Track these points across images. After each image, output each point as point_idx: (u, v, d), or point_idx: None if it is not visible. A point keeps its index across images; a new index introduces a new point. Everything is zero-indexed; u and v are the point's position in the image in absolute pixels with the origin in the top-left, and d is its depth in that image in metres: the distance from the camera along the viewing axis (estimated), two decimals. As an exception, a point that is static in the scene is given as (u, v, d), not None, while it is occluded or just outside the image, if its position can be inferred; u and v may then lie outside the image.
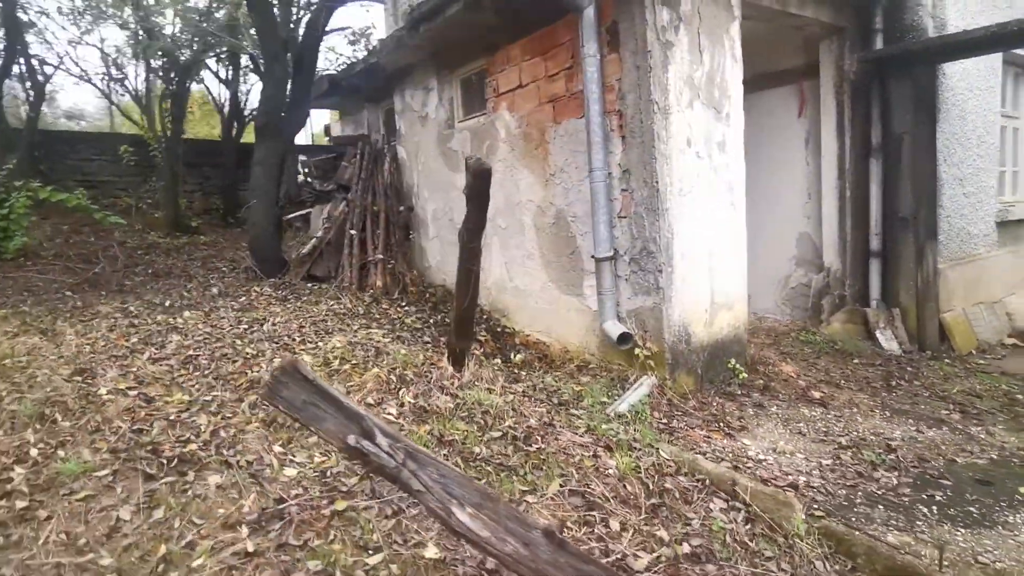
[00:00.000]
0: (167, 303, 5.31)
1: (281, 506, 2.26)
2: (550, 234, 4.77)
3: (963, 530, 2.71)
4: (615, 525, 2.45)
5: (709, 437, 3.65)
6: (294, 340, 4.00)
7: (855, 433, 3.75)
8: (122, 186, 8.95)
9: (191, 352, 3.68)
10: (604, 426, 3.28)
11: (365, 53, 6.43)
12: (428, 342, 4.63)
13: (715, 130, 4.24)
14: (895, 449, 3.51)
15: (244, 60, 9.70)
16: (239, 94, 9.86)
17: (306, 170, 7.13)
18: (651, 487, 2.72)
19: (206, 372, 3.39)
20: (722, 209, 4.33)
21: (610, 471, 2.77)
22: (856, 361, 5.23)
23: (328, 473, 2.52)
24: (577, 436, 3.12)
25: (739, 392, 4.34)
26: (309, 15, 6.38)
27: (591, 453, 2.94)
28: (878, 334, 5.61)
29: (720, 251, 4.34)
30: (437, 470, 1.59)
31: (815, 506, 2.80)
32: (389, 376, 3.42)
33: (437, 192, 6.14)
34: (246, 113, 10.20)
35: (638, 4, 3.81)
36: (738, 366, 4.48)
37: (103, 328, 4.30)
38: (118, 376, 3.32)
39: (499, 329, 5.32)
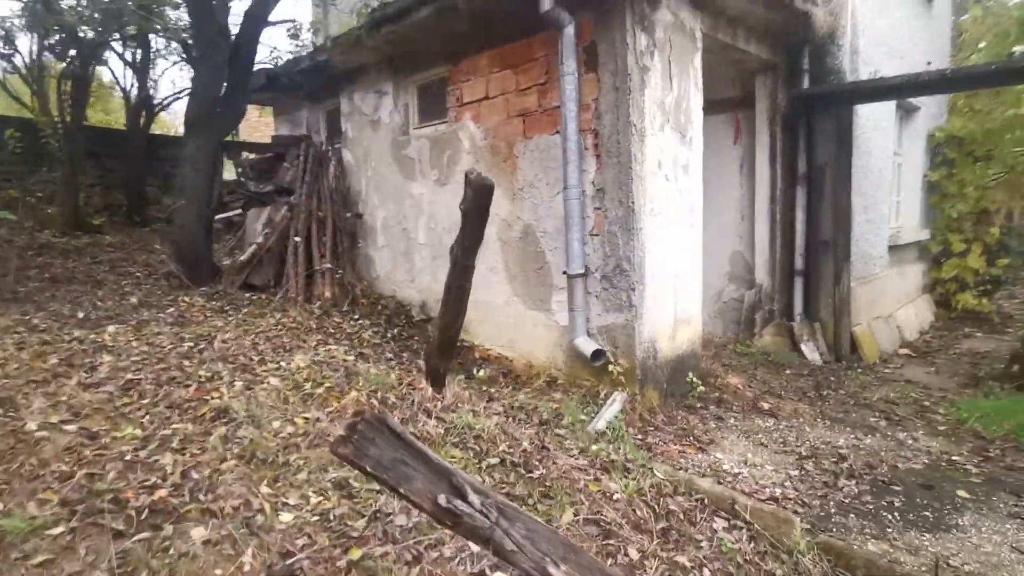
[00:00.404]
0: (80, 315, 4.60)
1: (289, 561, 1.97)
2: (517, 248, 4.65)
3: (927, 535, 2.89)
4: (634, 553, 2.37)
5: (684, 452, 3.69)
6: (251, 359, 3.57)
7: (808, 443, 3.94)
8: (6, 176, 7.73)
9: (130, 376, 3.17)
10: (594, 447, 3.21)
11: (311, 48, 5.96)
12: (391, 359, 4.36)
13: (680, 154, 4.33)
14: (846, 457, 3.72)
15: (157, 43, 8.77)
16: (149, 79, 8.87)
17: (239, 169, 6.51)
18: (657, 510, 2.68)
19: (156, 400, 2.92)
20: (685, 230, 4.43)
21: (616, 495, 2.70)
22: (788, 372, 5.56)
23: (331, 516, 2.24)
24: (573, 459, 3.03)
25: (699, 405, 4.45)
26: (251, 1, 5.83)
27: (592, 477, 2.86)
28: (803, 346, 6.00)
29: (682, 270, 4.43)
30: (524, 525, 1.43)
31: (797, 518, 2.90)
32: (370, 400, 3.14)
33: (389, 199, 5.82)
34: (156, 101, 9.22)
35: (619, 28, 3.80)
36: (695, 379, 4.60)
37: (10, 346, 3.63)
38: (47, 407, 2.79)
39: (457, 343, 5.10)
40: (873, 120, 6.55)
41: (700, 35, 4.47)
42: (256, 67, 6.13)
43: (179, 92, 10.28)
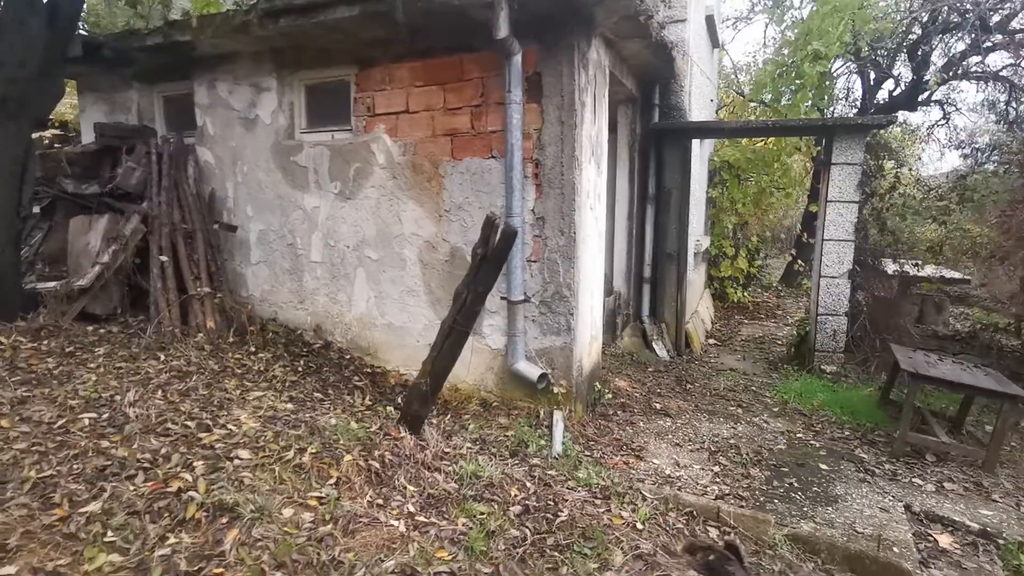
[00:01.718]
0: None
1: None
2: (442, 271, 4.44)
3: (829, 508, 3.59)
4: (676, 578, 2.55)
5: (627, 462, 3.99)
6: (186, 426, 2.82)
7: (706, 438, 4.55)
8: None
9: (34, 474, 2.27)
10: (580, 474, 3.31)
11: (160, 21, 4.72)
12: (322, 399, 3.84)
13: (598, 184, 4.59)
14: (738, 447, 4.41)
15: None
16: None
17: (49, 164, 4.87)
18: (669, 530, 2.89)
19: (106, 506, 2.15)
20: (598, 253, 4.72)
21: (638, 525, 2.84)
22: (651, 369, 6.29)
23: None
24: (575, 493, 3.08)
25: (610, 412, 4.81)
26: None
27: (604, 509, 2.96)
28: (654, 344, 6.85)
29: (596, 289, 4.72)
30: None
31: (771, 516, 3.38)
32: (368, 462, 2.77)
33: (269, 211, 5.01)
34: None
35: (567, 62, 3.87)
36: (602, 388, 4.96)
37: None
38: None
39: (367, 370, 4.70)
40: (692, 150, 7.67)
41: (608, 72, 4.75)
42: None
43: None
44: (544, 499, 2.90)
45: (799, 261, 13.44)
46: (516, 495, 2.87)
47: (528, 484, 3.03)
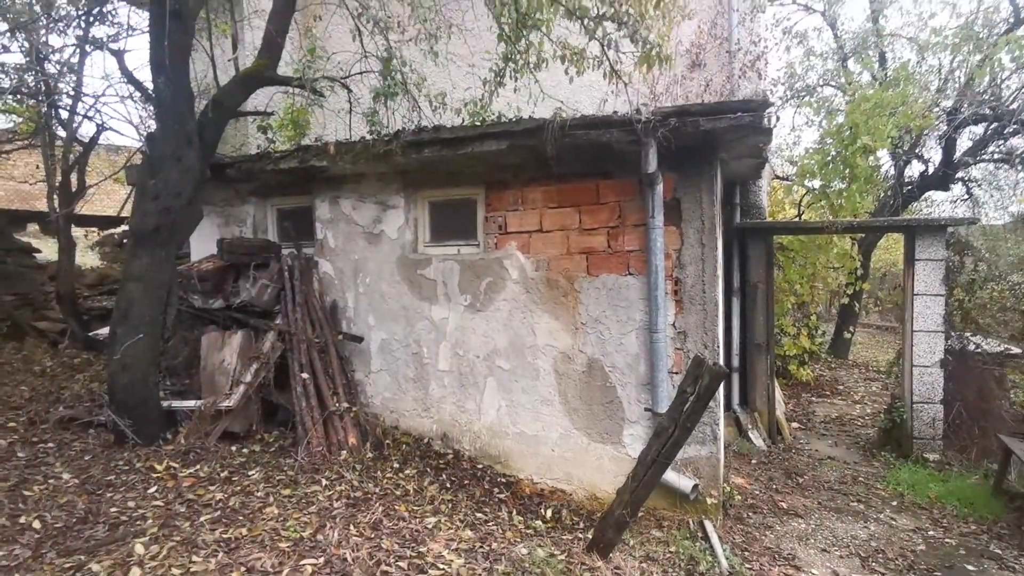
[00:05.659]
0: None
1: None
2: (579, 382, 4.75)
3: (1000, 617, 3.79)
4: None
5: (788, 574, 4.17)
6: (400, 567, 3.03)
7: (847, 541, 4.75)
8: None
9: None
10: (768, 596, 3.50)
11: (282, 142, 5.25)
12: (487, 520, 4.06)
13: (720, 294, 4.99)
14: (883, 551, 4.60)
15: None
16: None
17: (179, 280, 5.25)
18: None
19: None
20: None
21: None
22: (753, 461, 6.51)
23: None
24: (778, 617, 3.27)
25: (743, 514, 5.02)
26: (216, 89, 4.98)
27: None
28: (750, 433, 7.09)
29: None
30: None
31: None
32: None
33: (392, 320, 5.37)
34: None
35: (706, 191, 4.37)
36: (730, 489, 5.16)
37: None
38: None
39: (501, 480, 4.92)
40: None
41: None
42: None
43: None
44: (757, 627, 3.09)
45: (850, 329, 13.90)
46: (732, 625, 3.06)
47: (734, 611, 3.22)
